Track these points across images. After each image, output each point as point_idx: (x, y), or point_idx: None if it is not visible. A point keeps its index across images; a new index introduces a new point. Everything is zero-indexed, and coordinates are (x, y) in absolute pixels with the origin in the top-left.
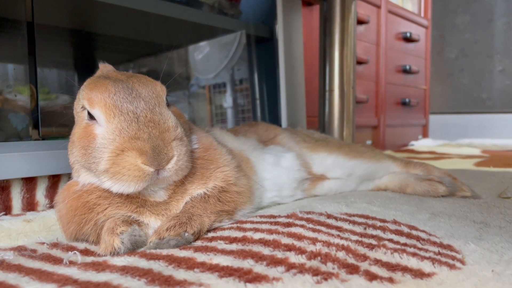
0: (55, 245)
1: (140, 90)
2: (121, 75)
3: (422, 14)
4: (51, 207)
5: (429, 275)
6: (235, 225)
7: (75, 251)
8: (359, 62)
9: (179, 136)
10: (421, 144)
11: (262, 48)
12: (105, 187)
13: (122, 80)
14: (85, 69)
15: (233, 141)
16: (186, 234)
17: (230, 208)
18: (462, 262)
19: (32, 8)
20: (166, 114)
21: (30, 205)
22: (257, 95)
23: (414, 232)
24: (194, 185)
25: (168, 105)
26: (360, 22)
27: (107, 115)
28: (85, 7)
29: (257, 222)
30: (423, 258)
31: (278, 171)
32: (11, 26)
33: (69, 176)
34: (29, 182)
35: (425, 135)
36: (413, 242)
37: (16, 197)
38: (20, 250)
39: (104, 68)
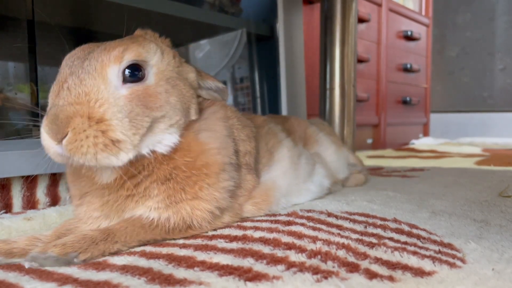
0: None
1: (93, 55)
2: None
3: (423, 13)
4: (52, 205)
5: (429, 273)
6: (235, 224)
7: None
8: (360, 61)
9: (96, 116)
10: (422, 143)
11: (262, 47)
12: None
13: (96, 45)
14: None
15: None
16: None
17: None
18: (462, 260)
19: (33, 6)
20: (96, 86)
21: (30, 203)
22: (258, 94)
23: (414, 231)
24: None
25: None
26: (361, 20)
27: None
28: (85, 5)
29: (257, 221)
30: (423, 256)
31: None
32: (11, 24)
33: None
34: (30, 180)
35: (426, 133)
36: (414, 240)
37: (17, 195)
38: None
39: (138, 32)
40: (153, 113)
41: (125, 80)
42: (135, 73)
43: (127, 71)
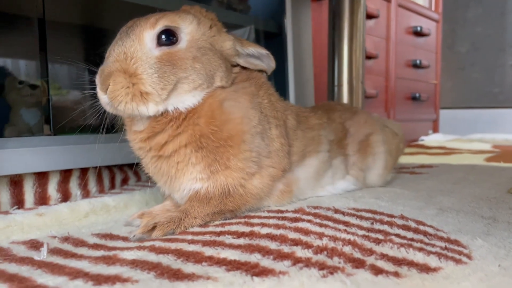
0: (66, 239)
1: (137, 23)
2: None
3: (433, 8)
4: (63, 201)
5: (435, 269)
6: (242, 220)
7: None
8: (369, 57)
9: (130, 71)
10: (431, 139)
11: (270, 43)
12: None
13: (145, 17)
14: (95, 65)
15: None
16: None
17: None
18: (468, 257)
19: (43, 4)
20: (133, 47)
21: (42, 199)
22: None
23: (421, 227)
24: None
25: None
26: (370, 16)
27: None
28: (95, 3)
29: (264, 217)
30: (429, 253)
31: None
32: (22, 23)
33: (80, 170)
34: (41, 177)
35: (435, 130)
36: (420, 237)
37: (29, 191)
38: (32, 243)
39: (184, 7)
40: (178, 73)
41: (159, 43)
42: (169, 37)
43: (163, 36)
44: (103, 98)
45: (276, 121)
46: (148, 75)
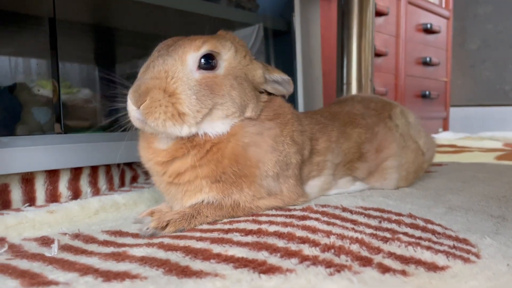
0: (76, 235)
1: (179, 43)
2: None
3: (443, 5)
4: (73, 198)
5: (442, 268)
6: (250, 218)
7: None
8: (378, 55)
9: (169, 90)
10: (441, 137)
11: (279, 41)
12: None
13: (184, 37)
14: (105, 63)
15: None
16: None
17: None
18: (477, 255)
19: (54, 4)
20: (175, 66)
21: (53, 197)
22: None
23: (429, 226)
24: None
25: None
26: (379, 13)
27: None
28: (105, 3)
29: (272, 215)
30: (437, 251)
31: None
32: (33, 22)
33: (90, 168)
34: (52, 175)
35: (445, 128)
36: (428, 235)
37: (40, 188)
38: (43, 240)
39: (221, 32)
40: (215, 98)
41: (199, 67)
42: (209, 61)
43: (202, 60)
44: (134, 113)
45: (295, 157)
46: (187, 96)
